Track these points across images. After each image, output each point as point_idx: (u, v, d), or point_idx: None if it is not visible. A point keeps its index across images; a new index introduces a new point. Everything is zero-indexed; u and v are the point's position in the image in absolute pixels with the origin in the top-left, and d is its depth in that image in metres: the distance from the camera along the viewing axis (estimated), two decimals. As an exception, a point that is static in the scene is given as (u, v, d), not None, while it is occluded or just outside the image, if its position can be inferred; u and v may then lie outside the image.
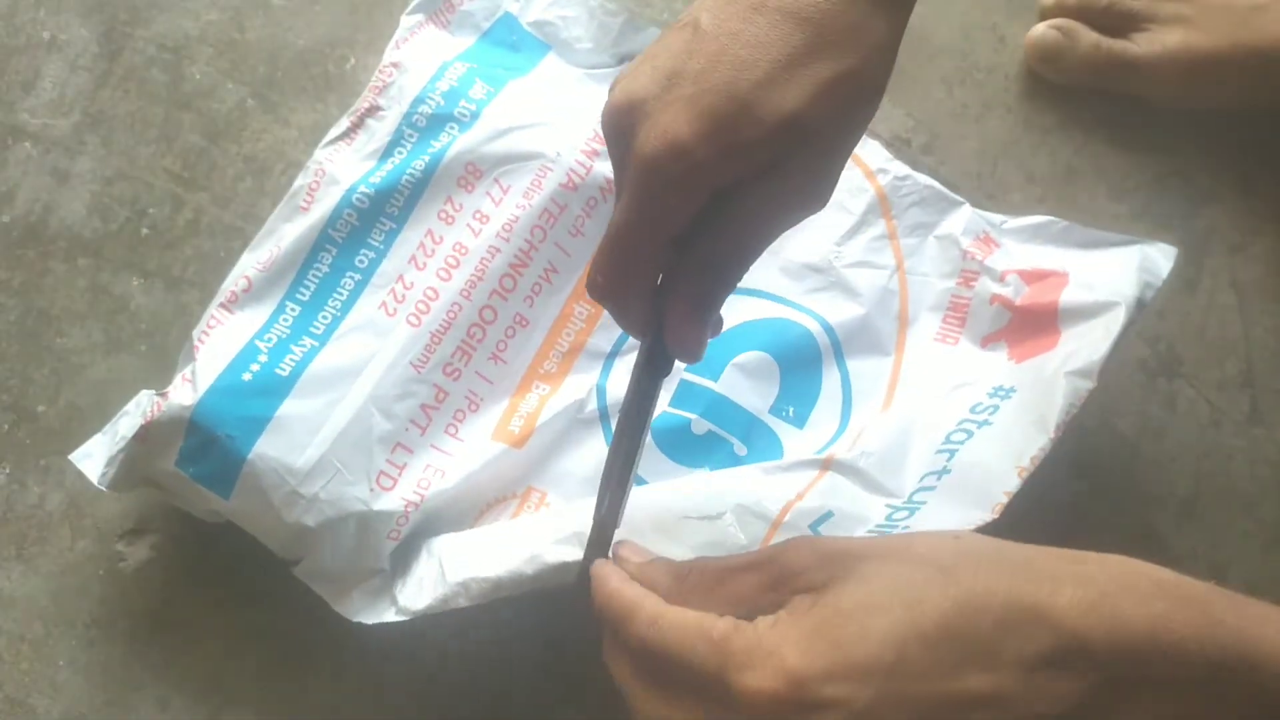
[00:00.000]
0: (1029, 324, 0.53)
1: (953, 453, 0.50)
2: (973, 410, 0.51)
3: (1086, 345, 0.50)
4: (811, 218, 0.40)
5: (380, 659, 0.53)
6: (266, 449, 0.48)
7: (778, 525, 0.48)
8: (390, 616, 0.49)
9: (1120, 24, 0.60)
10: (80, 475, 0.53)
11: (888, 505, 0.49)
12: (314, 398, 0.50)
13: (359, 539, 0.50)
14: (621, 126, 0.38)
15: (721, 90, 0.35)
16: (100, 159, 0.59)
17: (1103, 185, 0.61)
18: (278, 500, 0.48)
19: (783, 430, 0.53)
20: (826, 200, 0.39)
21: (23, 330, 0.57)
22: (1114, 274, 0.52)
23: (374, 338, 0.51)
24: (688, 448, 0.52)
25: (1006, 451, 0.48)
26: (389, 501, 0.49)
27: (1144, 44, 0.59)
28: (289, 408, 0.49)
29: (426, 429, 0.51)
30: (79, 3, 0.61)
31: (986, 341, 0.54)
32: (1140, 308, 0.51)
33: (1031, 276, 0.54)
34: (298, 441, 0.49)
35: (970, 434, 0.50)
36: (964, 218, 0.55)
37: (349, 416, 0.49)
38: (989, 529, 0.46)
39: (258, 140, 0.60)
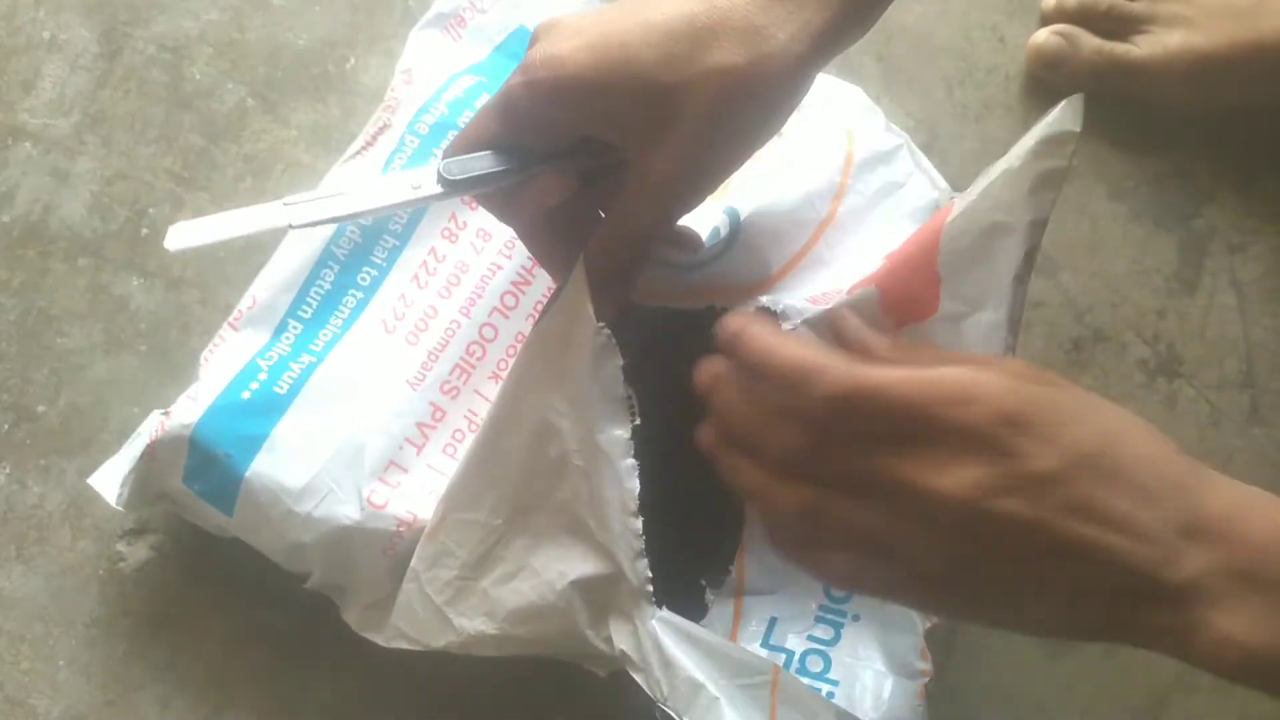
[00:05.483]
0: (905, 268, 0.44)
1: None
2: None
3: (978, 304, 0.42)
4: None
5: (379, 659, 0.53)
6: (262, 468, 0.48)
7: None
8: (400, 643, 0.49)
9: (1121, 26, 0.60)
10: (80, 475, 0.53)
11: None
12: (309, 416, 0.49)
13: (355, 556, 0.49)
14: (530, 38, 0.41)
15: (617, 38, 0.39)
16: (100, 159, 0.59)
17: (1103, 185, 0.61)
18: (275, 517, 0.49)
19: None
20: (694, 200, 0.41)
21: (23, 330, 0.57)
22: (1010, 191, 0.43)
23: (371, 355, 0.51)
24: None
25: None
26: (381, 520, 0.49)
27: (1145, 46, 0.59)
28: (284, 426, 0.49)
29: (423, 448, 0.50)
30: (79, 3, 0.61)
31: (854, 289, 0.44)
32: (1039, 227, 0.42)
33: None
34: (291, 460, 0.49)
35: None
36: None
37: (342, 435, 0.49)
38: None
39: (258, 140, 0.60)
